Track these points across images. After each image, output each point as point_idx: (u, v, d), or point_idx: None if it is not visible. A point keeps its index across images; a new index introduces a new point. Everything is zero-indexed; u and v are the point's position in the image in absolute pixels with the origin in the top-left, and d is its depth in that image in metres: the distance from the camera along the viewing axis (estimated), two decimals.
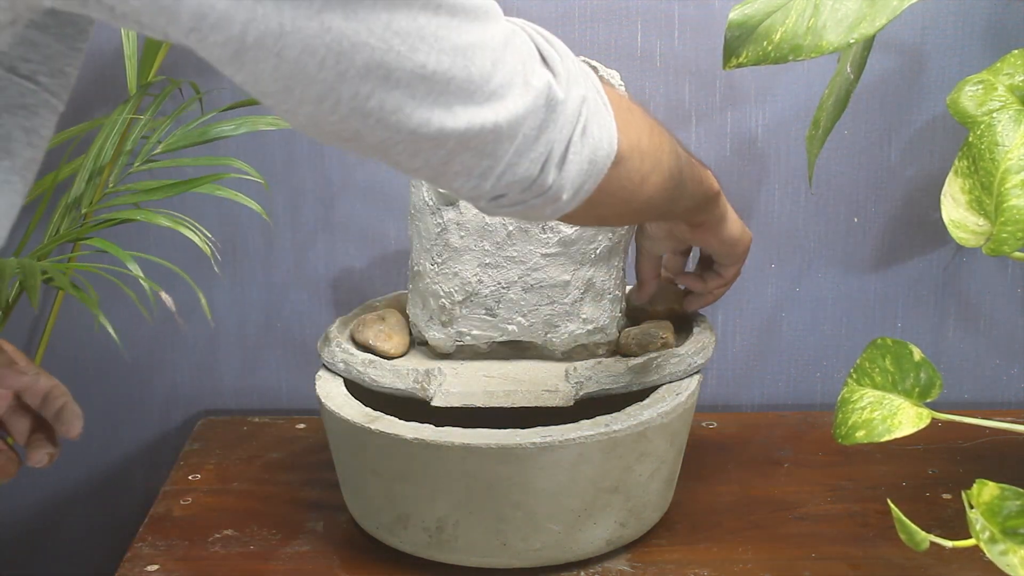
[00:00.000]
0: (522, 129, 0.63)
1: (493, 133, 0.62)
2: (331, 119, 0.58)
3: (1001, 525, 0.78)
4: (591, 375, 0.98)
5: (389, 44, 0.56)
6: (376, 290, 1.28)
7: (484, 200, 0.67)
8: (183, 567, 0.98)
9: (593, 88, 0.68)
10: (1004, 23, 1.19)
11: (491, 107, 0.61)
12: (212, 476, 1.14)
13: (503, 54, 0.61)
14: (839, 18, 0.88)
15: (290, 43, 0.53)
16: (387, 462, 0.93)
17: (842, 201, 1.25)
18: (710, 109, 1.23)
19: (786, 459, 1.15)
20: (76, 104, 1.22)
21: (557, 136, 0.65)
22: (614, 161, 0.69)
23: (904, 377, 0.90)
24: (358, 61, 0.55)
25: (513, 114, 0.62)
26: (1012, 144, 0.89)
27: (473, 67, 0.59)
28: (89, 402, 1.30)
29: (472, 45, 0.59)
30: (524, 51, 0.63)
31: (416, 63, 0.57)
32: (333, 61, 0.55)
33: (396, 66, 0.56)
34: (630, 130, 0.71)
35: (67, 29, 0.60)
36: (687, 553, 0.98)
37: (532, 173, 0.65)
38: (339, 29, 0.54)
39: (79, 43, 0.61)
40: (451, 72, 0.58)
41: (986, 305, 1.28)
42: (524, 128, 0.63)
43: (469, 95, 0.60)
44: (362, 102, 0.57)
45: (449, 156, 0.62)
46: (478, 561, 0.94)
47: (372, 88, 0.57)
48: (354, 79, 0.56)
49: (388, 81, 0.57)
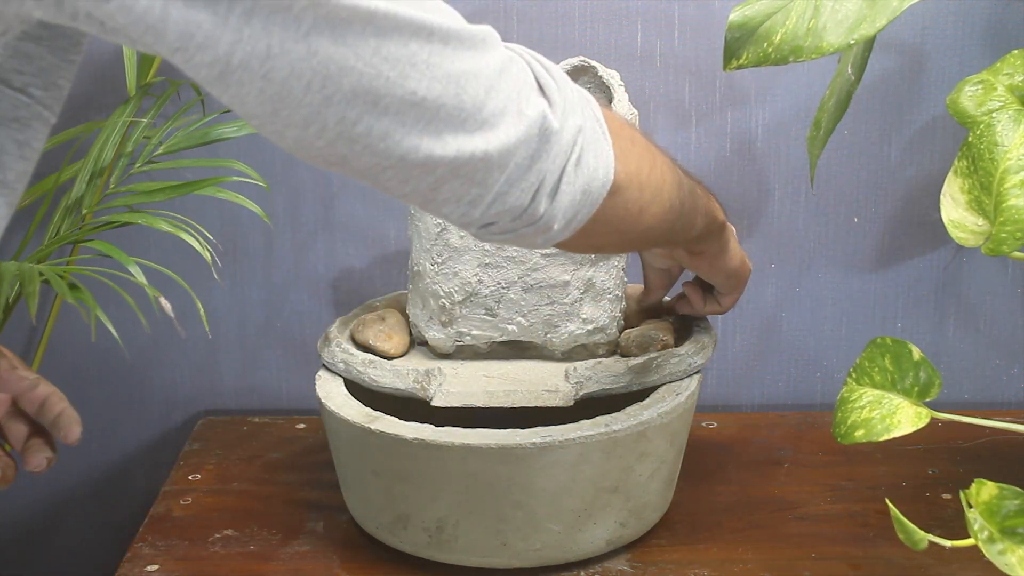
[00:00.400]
0: (514, 159, 0.62)
1: (483, 162, 0.61)
2: (318, 143, 0.57)
3: (1000, 525, 0.78)
4: (591, 375, 0.98)
5: (378, 70, 0.55)
6: (376, 290, 1.28)
7: (474, 227, 0.67)
8: (183, 567, 0.98)
9: (592, 117, 0.68)
10: (1004, 23, 1.19)
11: (482, 136, 0.60)
12: (212, 476, 1.14)
13: (497, 82, 0.61)
14: (839, 19, 0.88)
15: (277, 66, 0.53)
16: (387, 462, 0.93)
17: (842, 201, 1.25)
18: (710, 109, 1.23)
19: (786, 459, 1.15)
20: (76, 105, 1.22)
21: (550, 166, 0.64)
22: (610, 191, 0.68)
23: (903, 376, 0.90)
24: (345, 86, 0.55)
25: (505, 143, 0.61)
26: (1011, 144, 0.89)
27: (465, 95, 0.59)
28: (89, 403, 1.31)
29: (465, 73, 0.59)
30: (520, 79, 0.62)
31: (406, 90, 0.57)
32: (319, 85, 0.54)
33: (385, 92, 0.56)
34: (629, 160, 0.70)
35: (60, 42, 0.59)
36: (687, 553, 0.98)
37: (523, 202, 0.64)
38: (326, 53, 0.54)
39: (72, 55, 0.61)
40: (442, 99, 0.58)
41: (986, 305, 1.28)
42: (516, 158, 0.62)
43: (460, 123, 0.59)
44: (349, 127, 0.57)
45: (438, 183, 0.61)
46: (478, 561, 0.94)
47: (360, 113, 0.56)
48: (341, 104, 0.56)
49: (377, 107, 0.56)
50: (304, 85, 0.54)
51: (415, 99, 0.57)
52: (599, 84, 1.05)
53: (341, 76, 0.54)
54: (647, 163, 0.73)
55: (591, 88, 1.06)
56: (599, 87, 1.05)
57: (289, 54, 0.53)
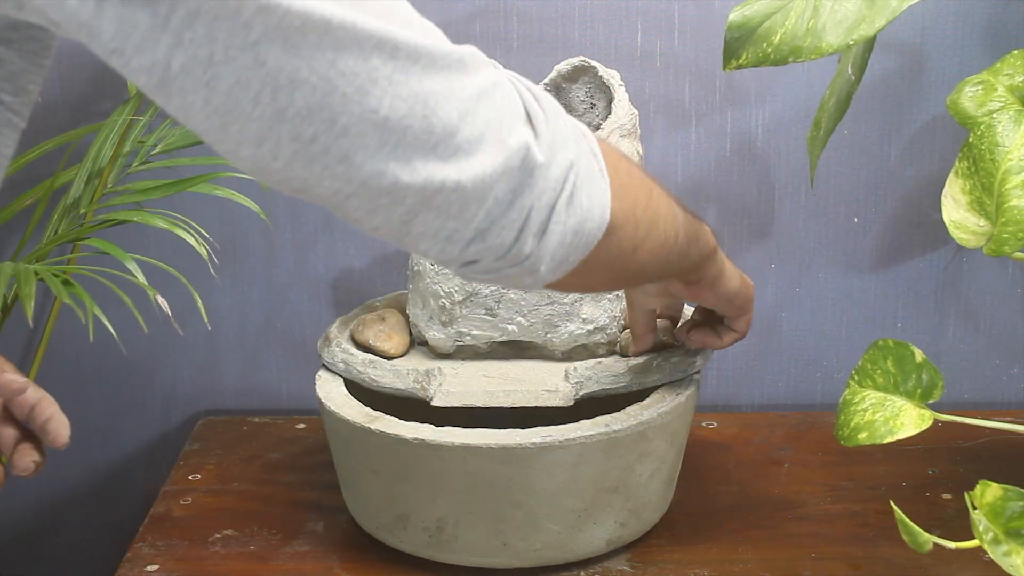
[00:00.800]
0: (493, 192, 0.58)
1: (457, 192, 0.57)
2: (275, 164, 0.54)
3: (1004, 526, 0.78)
4: (591, 375, 0.98)
5: (333, 84, 0.51)
6: (376, 290, 1.27)
7: (455, 265, 0.63)
8: (183, 567, 0.98)
9: (587, 152, 0.63)
10: (1004, 23, 1.19)
11: (456, 164, 0.56)
12: (212, 476, 1.14)
13: (474, 107, 0.56)
14: (839, 19, 0.88)
15: (221, 74, 0.49)
16: (387, 462, 0.93)
17: (842, 201, 1.25)
18: (710, 109, 1.23)
19: (786, 459, 1.15)
20: (76, 104, 1.22)
21: (535, 202, 0.60)
22: (605, 232, 0.65)
23: (906, 378, 0.90)
24: (298, 100, 0.51)
25: (480, 174, 0.57)
26: (1012, 145, 0.89)
27: (435, 118, 0.54)
28: (89, 403, 1.31)
29: (435, 94, 0.54)
30: (503, 106, 0.58)
31: (365, 108, 0.52)
32: (269, 98, 0.51)
33: (342, 109, 0.52)
34: (626, 196, 0.66)
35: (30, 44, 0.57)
36: (687, 553, 0.98)
37: (506, 241, 0.60)
38: (276, 64, 0.50)
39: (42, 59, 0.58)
40: (408, 121, 0.54)
41: (986, 305, 1.28)
42: (495, 191, 0.58)
43: (430, 148, 0.55)
44: (305, 146, 0.53)
45: (410, 215, 0.57)
46: (478, 561, 0.94)
47: (316, 132, 0.52)
48: (295, 120, 0.51)
49: (334, 125, 0.52)
50: (252, 97, 0.50)
51: (376, 118, 0.53)
52: (599, 84, 1.05)
53: (293, 89, 0.51)
54: (643, 197, 0.69)
55: (591, 88, 1.06)
56: (599, 87, 1.05)
57: (235, 62, 0.49)
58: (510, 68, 1.03)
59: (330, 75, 0.51)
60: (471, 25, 1.20)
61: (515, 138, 0.58)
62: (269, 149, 0.53)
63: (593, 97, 1.07)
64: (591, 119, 1.07)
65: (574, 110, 1.08)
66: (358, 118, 0.53)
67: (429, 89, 0.54)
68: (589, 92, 1.07)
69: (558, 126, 0.61)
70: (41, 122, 1.21)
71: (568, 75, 1.06)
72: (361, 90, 0.52)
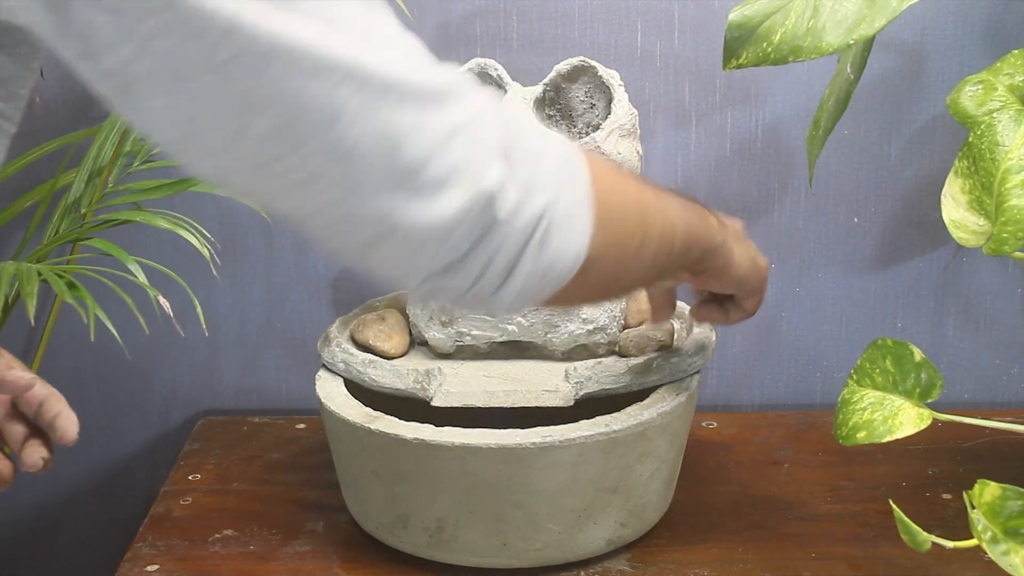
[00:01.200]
0: (453, 235, 0.55)
1: (416, 231, 0.54)
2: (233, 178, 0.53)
3: (1003, 525, 0.78)
4: (591, 375, 0.98)
5: (299, 112, 0.49)
6: (376, 290, 1.27)
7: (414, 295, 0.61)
8: (183, 567, 0.98)
9: (574, 187, 0.60)
10: (1004, 23, 1.19)
11: (418, 202, 0.53)
12: (212, 476, 1.14)
13: (447, 142, 0.53)
14: (839, 19, 0.88)
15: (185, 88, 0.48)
16: (387, 462, 0.93)
17: (842, 201, 1.25)
18: (710, 109, 1.23)
19: (786, 459, 1.15)
20: (76, 105, 1.22)
21: (500, 248, 0.57)
22: (582, 267, 0.61)
23: (905, 378, 0.90)
24: (262, 124, 0.49)
25: (441, 216, 0.54)
26: (1012, 144, 0.89)
27: (402, 152, 0.52)
28: (89, 403, 1.31)
29: (405, 127, 0.52)
30: (478, 142, 0.55)
31: (331, 137, 0.50)
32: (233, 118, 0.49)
33: (306, 137, 0.50)
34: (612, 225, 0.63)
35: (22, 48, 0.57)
36: (687, 553, 0.98)
37: (465, 283, 0.58)
38: (240, 88, 0.48)
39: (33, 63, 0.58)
40: (374, 154, 0.51)
41: (986, 305, 1.28)
42: (456, 233, 0.55)
43: (393, 183, 0.53)
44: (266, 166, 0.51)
45: (368, 244, 0.55)
46: (478, 561, 0.94)
47: (277, 154, 0.51)
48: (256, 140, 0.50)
49: (297, 152, 0.50)
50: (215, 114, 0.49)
51: (341, 149, 0.51)
52: (599, 84, 1.05)
53: (257, 113, 0.49)
54: (633, 220, 0.67)
55: (591, 88, 1.06)
56: (599, 87, 1.05)
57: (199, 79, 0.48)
58: (510, 68, 1.04)
59: (297, 103, 0.49)
60: (471, 25, 1.20)
61: (486, 180, 0.55)
62: (229, 164, 0.51)
63: (593, 97, 1.07)
64: (591, 119, 1.07)
65: (574, 110, 1.08)
66: (322, 147, 0.51)
67: (399, 122, 0.51)
68: (589, 92, 1.07)
69: (540, 164, 0.58)
70: (41, 123, 1.22)
71: (568, 75, 1.06)
72: (328, 119, 0.50)
